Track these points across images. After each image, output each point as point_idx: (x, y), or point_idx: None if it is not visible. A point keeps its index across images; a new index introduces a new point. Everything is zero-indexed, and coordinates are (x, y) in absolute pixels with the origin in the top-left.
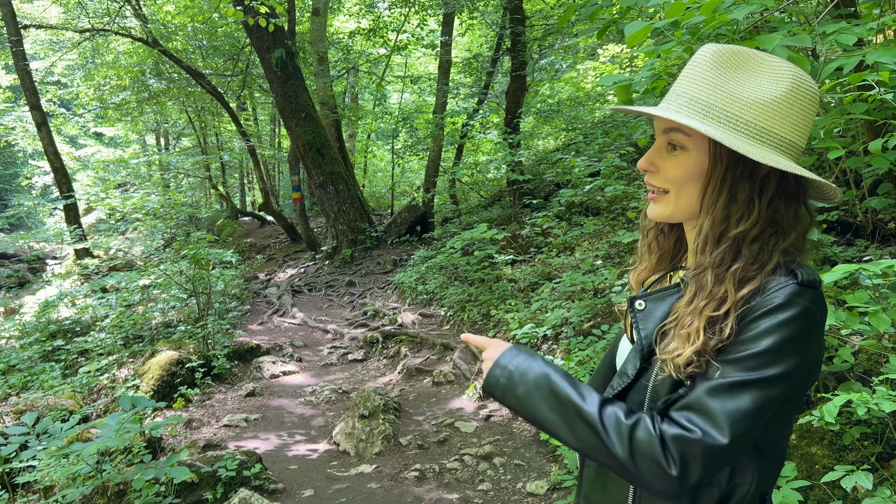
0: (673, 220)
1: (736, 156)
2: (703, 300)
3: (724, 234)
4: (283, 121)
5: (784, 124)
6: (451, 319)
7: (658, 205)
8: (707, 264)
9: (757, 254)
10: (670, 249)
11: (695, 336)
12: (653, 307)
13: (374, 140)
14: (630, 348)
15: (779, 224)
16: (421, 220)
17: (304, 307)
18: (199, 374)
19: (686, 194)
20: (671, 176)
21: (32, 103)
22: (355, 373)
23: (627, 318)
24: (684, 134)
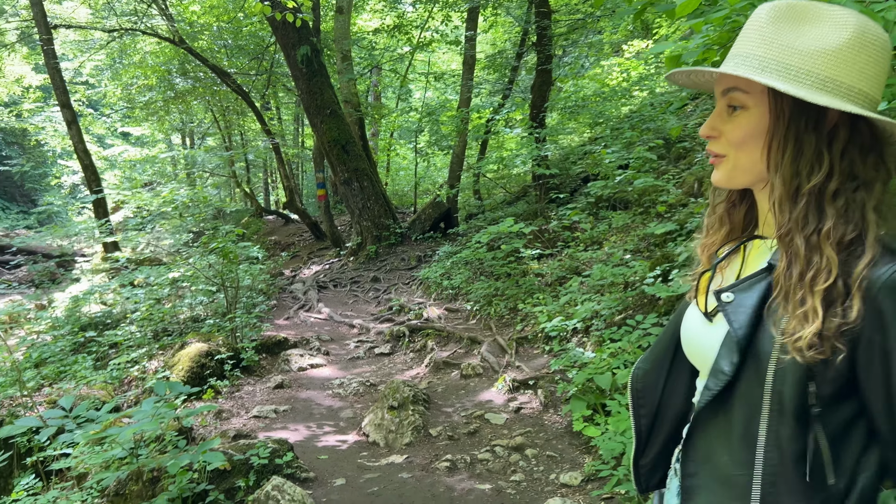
0: (734, 184)
1: (799, 107)
2: (809, 272)
3: (798, 190)
4: (308, 118)
5: (850, 72)
6: (478, 314)
7: (719, 170)
8: (791, 225)
9: (844, 211)
10: (741, 221)
11: (812, 315)
12: (742, 297)
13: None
14: (702, 321)
15: (859, 178)
16: (445, 216)
17: (330, 303)
18: (228, 366)
19: (746, 155)
20: (732, 138)
21: (62, 101)
22: (382, 366)
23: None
24: (743, 92)
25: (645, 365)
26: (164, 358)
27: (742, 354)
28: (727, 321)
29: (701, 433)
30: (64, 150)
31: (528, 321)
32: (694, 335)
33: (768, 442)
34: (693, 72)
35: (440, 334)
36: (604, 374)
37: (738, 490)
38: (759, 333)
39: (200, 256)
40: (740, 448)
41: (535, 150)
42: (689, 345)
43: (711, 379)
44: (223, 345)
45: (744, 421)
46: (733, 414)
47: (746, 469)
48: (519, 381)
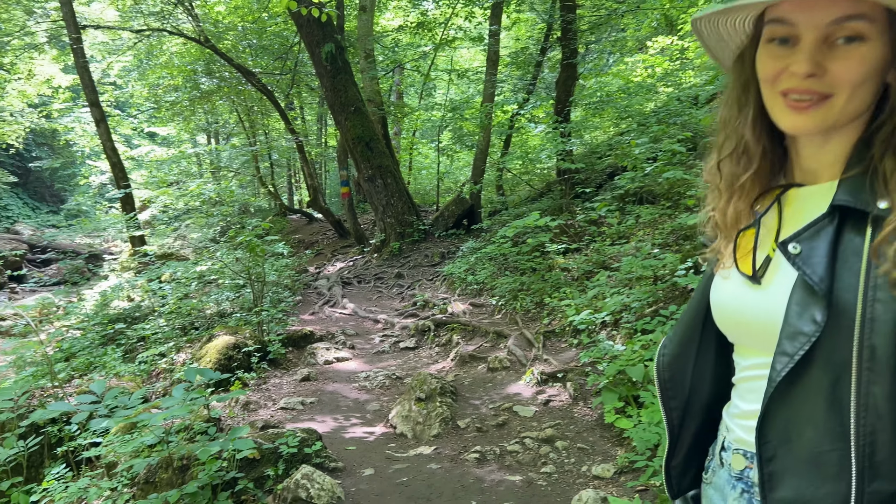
0: (829, 126)
1: None
2: None
3: None
4: (333, 115)
5: None
6: (503, 308)
7: (816, 113)
8: None
9: None
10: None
11: None
12: (811, 246)
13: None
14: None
15: None
16: (468, 213)
17: (354, 298)
18: (255, 358)
19: (862, 94)
20: (848, 75)
21: (91, 100)
22: (408, 360)
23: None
24: (868, 21)
25: (670, 350)
26: (191, 350)
27: (827, 308)
28: (803, 273)
29: (778, 409)
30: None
31: (554, 315)
32: (735, 304)
33: (862, 406)
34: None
35: (465, 329)
36: (635, 365)
37: (829, 469)
38: (838, 283)
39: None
40: (828, 418)
41: (561, 144)
42: (729, 316)
43: (787, 343)
44: (250, 337)
45: (828, 386)
46: (814, 380)
47: (838, 442)
48: (547, 374)
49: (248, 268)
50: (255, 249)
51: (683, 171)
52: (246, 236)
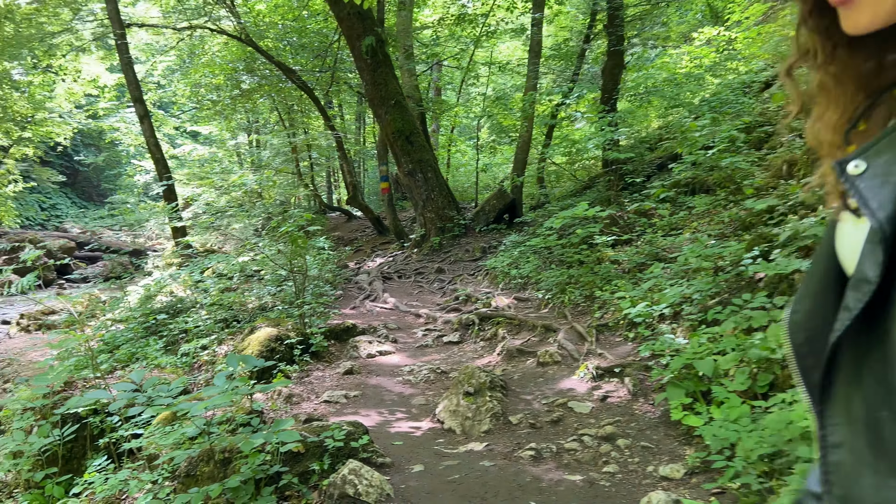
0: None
1: None
2: None
3: None
4: (373, 109)
5: None
6: (550, 302)
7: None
8: None
9: None
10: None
11: None
12: (882, 166)
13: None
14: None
15: None
16: (510, 207)
17: (395, 293)
18: (298, 350)
19: None
20: None
21: (135, 96)
22: (452, 354)
23: None
24: None
25: (802, 307)
26: (233, 343)
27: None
28: (862, 206)
29: (843, 381)
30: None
31: (606, 308)
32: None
33: None
34: None
35: (511, 322)
36: (703, 359)
37: None
38: None
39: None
40: None
41: (609, 133)
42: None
43: (851, 295)
44: (292, 330)
45: None
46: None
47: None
48: (603, 369)
49: (289, 259)
50: (298, 241)
51: (743, 158)
52: (288, 227)
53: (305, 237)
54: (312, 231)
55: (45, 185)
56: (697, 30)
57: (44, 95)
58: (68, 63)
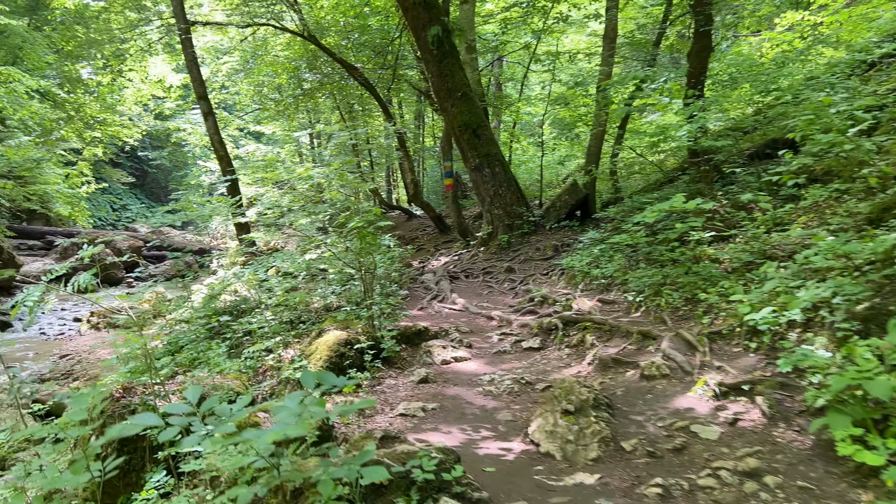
0: None
1: None
2: None
3: None
4: (438, 102)
5: None
6: (643, 305)
7: None
8: None
9: None
10: None
11: None
12: None
13: (518, 130)
14: None
15: None
16: (582, 203)
17: (463, 293)
18: (369, 356)
19: None
20: None
21: (200, 93)
22: (534, 362)
23: None
24: None
25: None
26: (300, 346)
27: None
28: None
29: None
30: (202, 152)
31: (715, 313)
32: None
33: None
34: None
35: (601, 328)
36: (873, 379)
37: None
38: None
39: (337, 238)
40: None
41: (701, 119)
42: None
43: None
44: (362, 333)
45: None
46: None
47: None
48: (727, 386)
49: (357, 256)
50: (366, 237)
51: (871, 143)
52: (357, 222)
53: (374, 233)
54: (382, 225)
55: (115, 186)
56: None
57: (113, 98)
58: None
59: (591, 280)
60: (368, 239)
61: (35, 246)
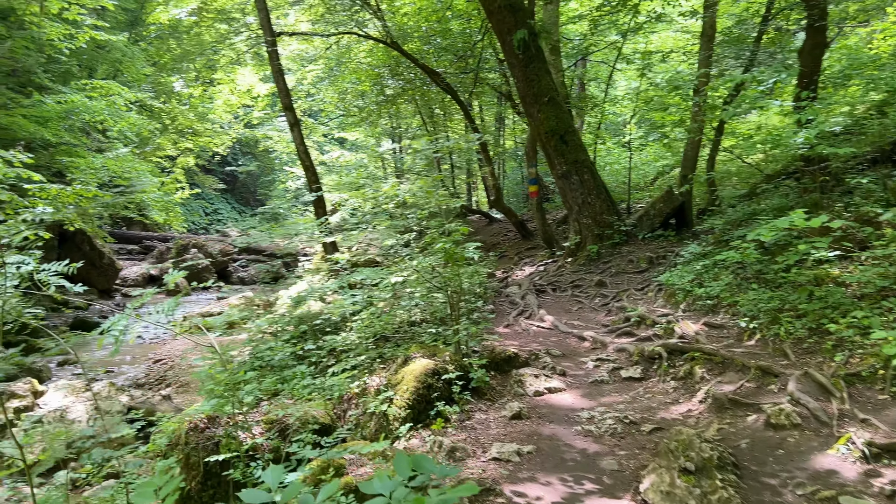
0: None
1: None
2: None
3: None
4: (524, 107)
5: None
6: (758, 332)
7: None
8: None
9: None
10: None
11: None
12: None
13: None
14: None
15: None
16: (678, 212)
17: (551, 309)
18: (457, 387)
19: None
20: None
21: (285, 104)
22: (636, 396)
23: None
24: None
25: None
26: (385, 374)
27: None
28: None
29: None
30: (289, 157)
31: (849, 349)
32: None
33: None
34: None
35: (711, 359)
36: None
37: None
38: None
39: (423, 257)
40: None
41: (820, 125)
42: None
43: None
44: (450, 361)
45: None
46: None
47: None
48: (879, 447)
49: (445, 280)
50: (454, 258)
51: None
52: (444, 243)
53: (462, 254)
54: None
55: (207, 192)
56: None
57: (205, 108)
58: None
59: (695, 300)
60: (456, 260)
61: (133, 250)
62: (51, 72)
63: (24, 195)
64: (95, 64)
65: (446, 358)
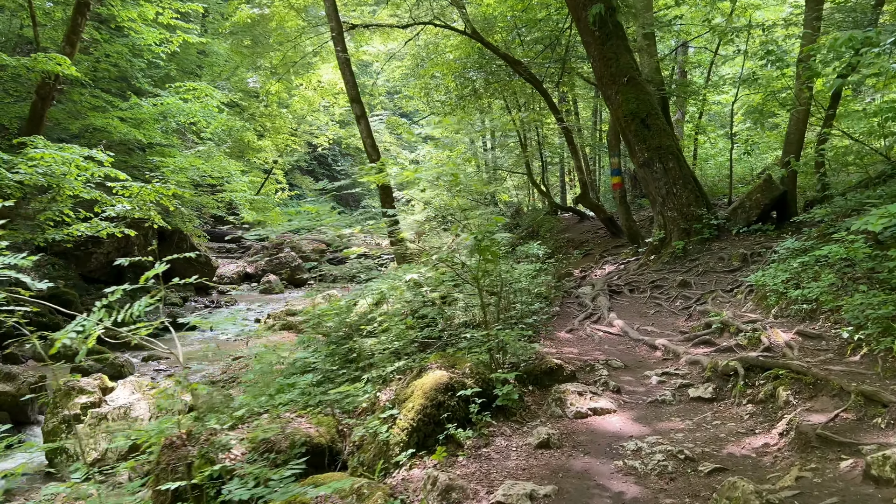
0: None
1: None
2: None
3: None
4: (601, 89)
5: None
6: (864, 346)
7: None
8: None
9: None
10: None
11: None
12: None
13: (706, 121)
14: None
15: None
16: (779, 203)
17: (624, 312)
18: (475, 406)
19: None
20: None
21: (352, 96)
22: (702, 422)
23: None
24: None
25: None
26: (396, 387)
27: None
28: None
29: None
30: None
31: None
32: None
33: None
34: None
35: (801, 379)
36: None
37: None
38: None
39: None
40: None
41: None
42: None
43: None
44: (470, 374)
45: None
46: None
47: None
48: None
49: (474, 275)
50: (486, 251)
51: None
52: (471, 234)
53: (497, 247)
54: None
55: (307, 192)
56: None
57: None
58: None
59: (789, 304)
60: (489, 254)
61: (232, 248)
62: (151, 76)
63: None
64: (194, 68)
65: (466, 370)
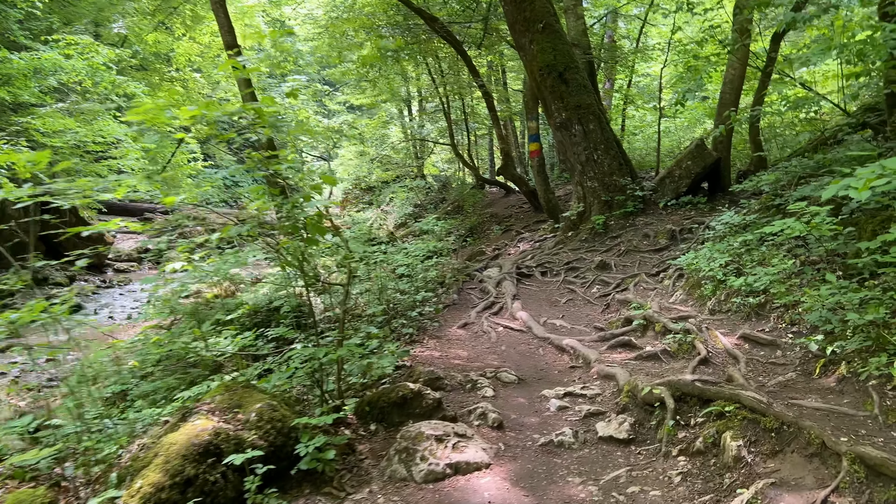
0: None
1: None
2: None
3: None
4: (514, 38)
5: None
6: (842, 365)
7: None
8: None
9: None
10: None
11: None
12: None
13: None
14: None
15: None
16: (712, 171)
17: (532, 300)
18: (254, 480)
19: None
20: None
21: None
22: (613, 487)
23: None
24: None
25: None
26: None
27: None
28: None
29: None
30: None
31: None
32: None
33: None
34: None
35: (757, 421)
36: None
37: None
38: None
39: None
40: None
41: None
42: None
43: None
44: (259, 422)
45: None
46: None
47: None
48: None
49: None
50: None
51: None
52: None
53: (321, 223)
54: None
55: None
56: None
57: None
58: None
59: (729, 295)
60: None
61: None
62: (30, 29)
63: None
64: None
65: (252, 416)
